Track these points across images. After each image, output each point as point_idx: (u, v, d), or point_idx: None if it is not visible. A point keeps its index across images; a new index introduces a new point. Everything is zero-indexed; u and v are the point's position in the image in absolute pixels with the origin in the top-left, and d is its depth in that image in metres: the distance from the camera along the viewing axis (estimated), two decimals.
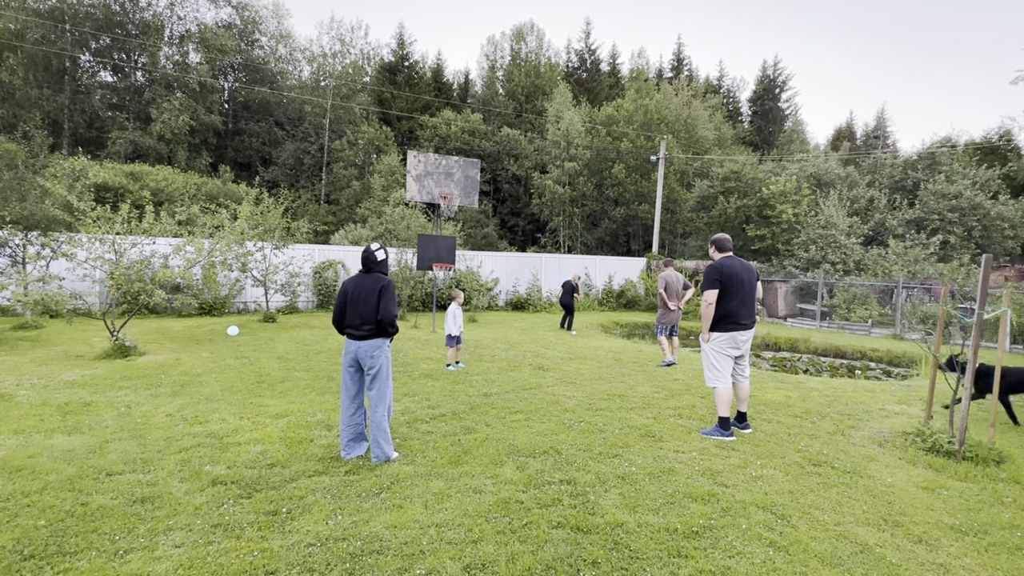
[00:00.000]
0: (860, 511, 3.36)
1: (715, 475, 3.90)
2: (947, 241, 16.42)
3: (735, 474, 3.94)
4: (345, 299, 3.96)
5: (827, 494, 3.61)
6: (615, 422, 5.42)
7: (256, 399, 5.58)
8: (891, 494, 3.64)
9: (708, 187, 23.46)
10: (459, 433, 4.73)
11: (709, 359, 5.26)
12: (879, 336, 13.54)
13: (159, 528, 2.93)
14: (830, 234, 16.93)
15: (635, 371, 7.99)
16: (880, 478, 3.94)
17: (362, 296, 3.88)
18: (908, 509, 3.41)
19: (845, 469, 4.12)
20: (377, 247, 4.05)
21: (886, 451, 4.63)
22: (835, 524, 3.16)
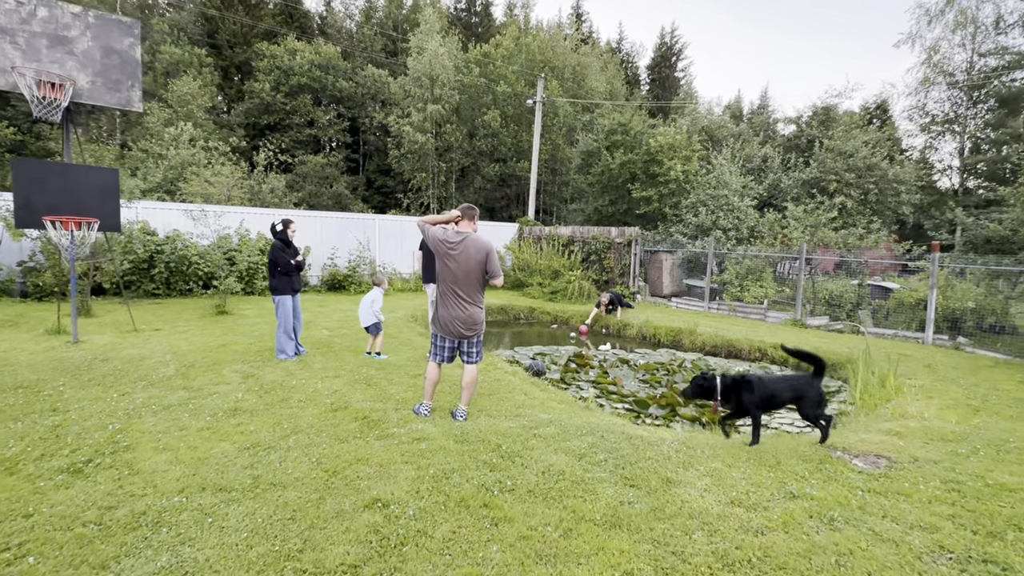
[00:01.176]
0: None
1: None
2: (844, 205, 14.20)
3: None
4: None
5: None
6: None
7: None
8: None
9: (592, 141, 19.83)
10: None
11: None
12: (776, 321, 10.66)
13: None
14: (722, 195, 13.94)
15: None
16: None
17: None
18: None
19: None
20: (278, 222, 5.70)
21: None
22: None
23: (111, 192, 6.33)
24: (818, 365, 3.79)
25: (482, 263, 3.88)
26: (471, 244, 3.86)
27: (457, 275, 3.88)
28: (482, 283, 3.97)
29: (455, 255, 3.86)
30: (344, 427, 3.80)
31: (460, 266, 3.86)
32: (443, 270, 3.91)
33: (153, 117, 17.36)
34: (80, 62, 5.55)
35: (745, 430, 4.83)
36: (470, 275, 3.88)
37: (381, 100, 29.31)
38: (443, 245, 3.89)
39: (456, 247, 3.86)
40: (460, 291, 3.90)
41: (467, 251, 3.85)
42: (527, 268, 15.28)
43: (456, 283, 3.89)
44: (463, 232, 3.91)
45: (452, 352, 4.07)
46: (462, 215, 3.98)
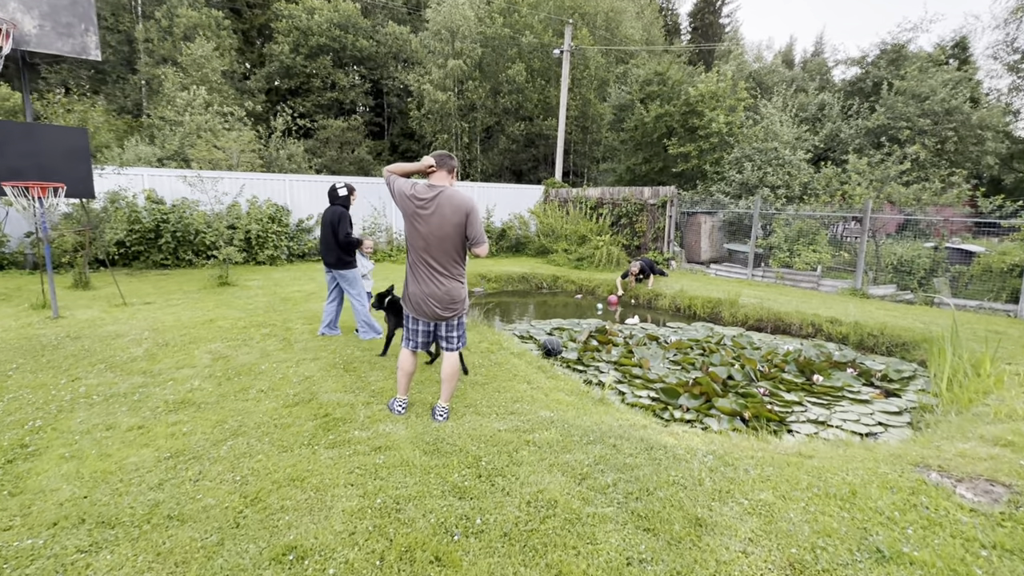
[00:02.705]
0: None
1: None
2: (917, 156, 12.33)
3: None
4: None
5: None
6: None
7: None
8: None
9: (626, 94, 18.18)
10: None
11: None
12: (831, 291, 9.38)
13: None
14: (771, 148, 12.35)
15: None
16: None
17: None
18: None
19: None
20: (340, 184, 4.96)
21: None
22: None
23: (81, 154, 5.77)
24: None
25: (460, 226, 3.04)
26: (446, 202, 3.01)
27: (429, 241, 3.05)
28: (461, 251, 3.14)
29: (425, 215, 3.02)
30: (296, 428, 3.13)
31: (432, 229, 3.02)
32: (412, 234, 3.09)
33: (169, 83, 16.93)
34: (24, 3, 4.89)
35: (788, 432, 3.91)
36: (445, 241, 3.04)
37: (404, 59, 28.06)
38: (410, 202, 3.05)
39: (427, 205, 3.02)
40: (433, 261, 3.08)
41: (441, 210, 3.00)
42: (552, 233, 14.29)
43: (428, 251, 3.07)
44: (437, 186, 3.06)
45: (428, 337, 3.29)
46: (436, 164, 3.11)
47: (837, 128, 13.99)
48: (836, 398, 4.79)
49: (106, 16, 23.71)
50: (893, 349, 6.29)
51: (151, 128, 16.71)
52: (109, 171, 8.45)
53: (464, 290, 3.22)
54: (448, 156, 3.15)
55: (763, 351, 6.16)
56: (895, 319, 6.95)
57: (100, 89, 24.38)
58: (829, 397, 4.80)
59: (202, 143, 12.75)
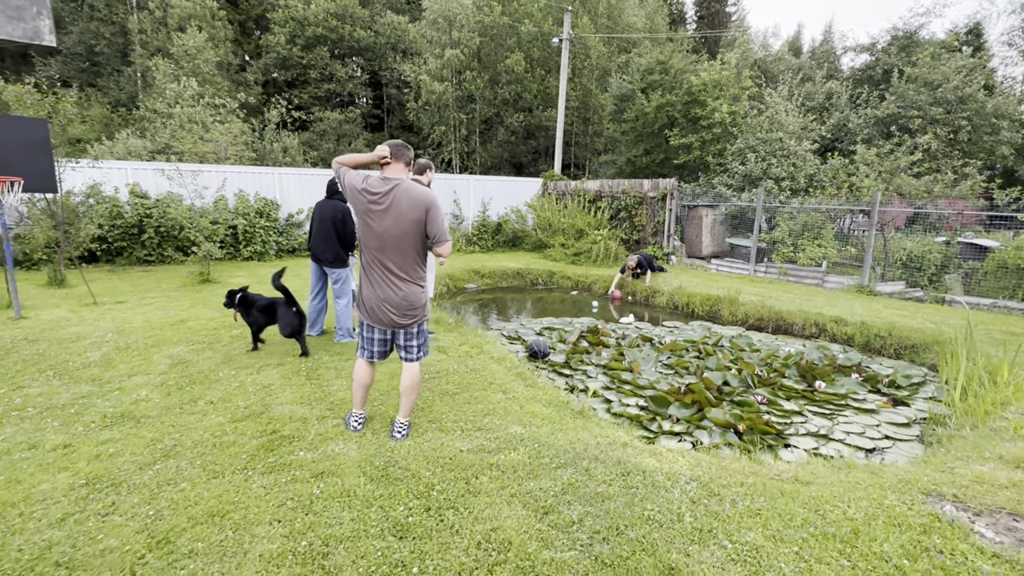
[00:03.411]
0: None
1: None
2: (928, 146, 11.83)
3: None
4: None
5: None
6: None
7: None
8: None
9: (627, 83, 17.71)
10: None
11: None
12: (837, 287, 8.99)
13: None
14: (775, 138, 11.90)
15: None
16: None
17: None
18: None
19: None
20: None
21: None
22: None
23: (40, 147, 5.47)
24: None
25: (419, 223, 2.71)
26: (403, 196, 2.68)
27: (384, 240, 2.72)
28: (421, 252, 2.81)
29: (379, 212, 2.69)
30: (236, 449, 2.83)
31: (388, 227, 2.69)
32: (365, 233, 2.77)
33: (160, 74, 16.61)
34: None
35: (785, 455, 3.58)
36: (402, 240, 2.72)
37: (402, 50, 27.60)
38: (362, 197, 2.72)
39: (380, 200, 2.69)
40: (389, 263, 2.76)
41: (397, 206, 2.67)
42: (549, 227, 13.93)
43: (383, 251, 2.74)
44: (392, 179, 2.73)
45: (386, 346, 2.98)
46: (392, 155, 2.78)
47: (845, 117, 13.48)
48: (839, 407, 4.44)
49: (100, 7, 23.40)
50: (902, 351, 5.92)
51: (142, 121, 16.43)
52: (84, 164, 8.16)
53: (425, 295, 2.90)
54: (405, 146, 2.81)
55: (763, 353, 5.82)
56: (904, 319, 6.57)
57: (95, 82, 24.14)
58: (832, 406, 4.46)
59: (188, 136, 12.43)
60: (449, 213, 14.42)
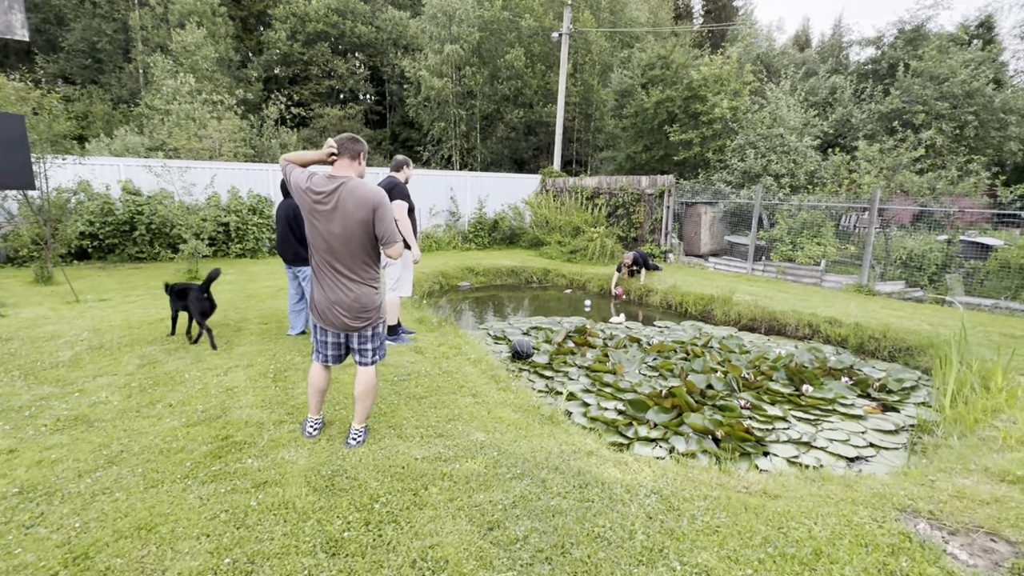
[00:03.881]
0: None
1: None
2: (933, 141, 11.55)
3: None
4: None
5: None
6: None
7: None
8: None
9: (627, 78, 17.48)
10: None
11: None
12: (835, 287, 8.79)
13: None
14: (776, 134, 11.66)
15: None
16: None
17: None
18: None
19: None
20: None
21: None
22: None
23: (17, 143, 5.40)
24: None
25: (367, 223, 2.59)
26: (349, 195, 2.56)
27: (331, 241, 2.61)
28: (371, 252, 2.70)
29: (325, 211, 2.58)
30: (183, 455, 2.74)
31: (334, 227, 2.58)
32: (312, 233, 2.66)
33: (158, 70, 16.60)
34: None
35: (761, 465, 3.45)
36: (350, 240, 2.60)
37: (404, 45, 27.46)
38: (307, 196, 2.61)
39: (326, 199, 2.57)
40: (338, 264, 2.64)
41: (343, 205, 2.56)
42: (546, 225, 13.78)
43: (331, 252, 2.63)
44: (338, 177, 2.61)
45: (339, 349, 2.87)
46: (338, 151, 2.66)
47: (848, 113, 13.20)
48: (825, 412, 4.29)
49: (101, 4, 23.45)
50: (896, 354, 5.74)
51: (140, 118, 16.44)
52: (70, 161, 8.12)
53: (378, 296, 2.78)
54: (353, 140, 2.69)
55: (752, 355, 5.66)
56: (900, 320, 6.38)
57: (98, 79, 24.21)
58: (818, 411, 4.31)
59: (182, 132, 12.39)
60: (445, 210, 14.31)
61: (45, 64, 23.66)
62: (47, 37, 24.75)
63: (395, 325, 5.15)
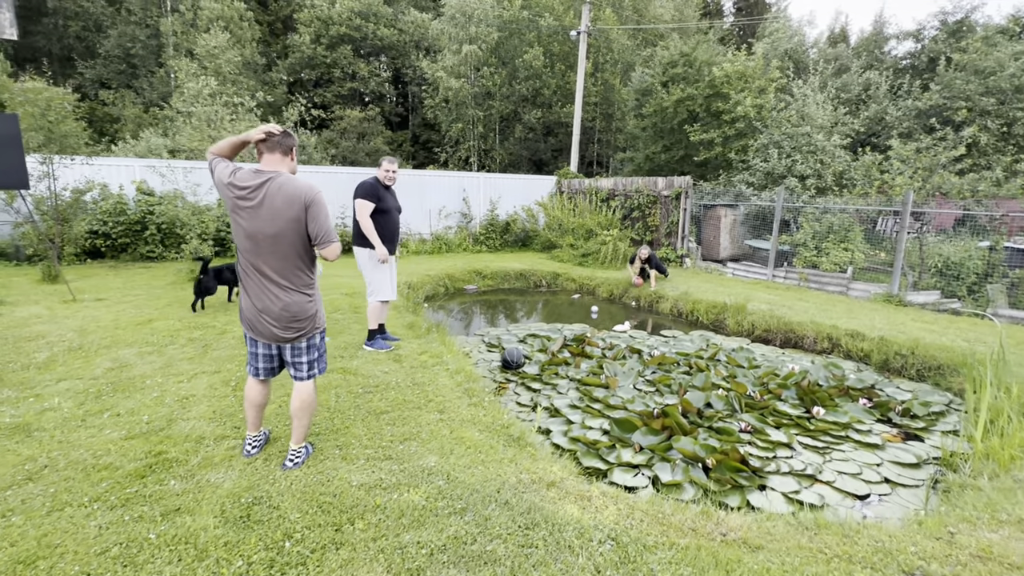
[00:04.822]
0: None
1: None
2: (975, 141, 10.68)
3: None
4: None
5: None
6: None
7: None
8: None
9: (649, 77, 16.96)
10: None
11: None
12: (862, 296, 8.17)
13: None
14: (802, 133, 11.02)
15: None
16: None
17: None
18: None
19: None
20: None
21: None
22: None
23: (11, 142, 5.43)
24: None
25: (297, 222, 2.35)
26: (277, 191, 2.32)
27: (257, 241, 2.36)
28: (304, 255, 2.45)
29: (249, 208, 2.34)
30: (105, 474, 2.54)
31: (260, 226, 2.34)
32: (236, 232, 2.42)
33: (182, 74, 16.99)
34: None
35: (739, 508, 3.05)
36: (279, 241, 2.36)
37: (425, 47, 27.52)
38: (230, 191, 2.38)
39: (250, 195, 2.33)
40: (266, 267, 2.40)
41: (270, 202, 2.32)
42: (559, 227, 13.43)
43: (257, 254, 2.39)
44: (266, 172, 2.37)
45: (272, 361, 2.63)
46: (267, 143, 2.42)
47: (883, 110, 12.38)
48: (837, 439, 3.84)
49: (136, 11, 24.29)
50: (926, 373, 5.19)
51: (165, 120, 16.85)
52: (79, 161, 8.24)
53: (312, 305, 2.53)
54: (286, 134, 2.45)
55: (762, 370, 5.20)
56: (933, 334, 5.80)
57: (132, 83, 25.06)
58: (829, 437, 3.85)
59: (196, 133, 12.56)
60: (457, 211, 14.12)
61: (84, 69, 24.63)
62: (86, 44, 25.80)
63: (375, 330, 4.92)
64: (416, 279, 9.36)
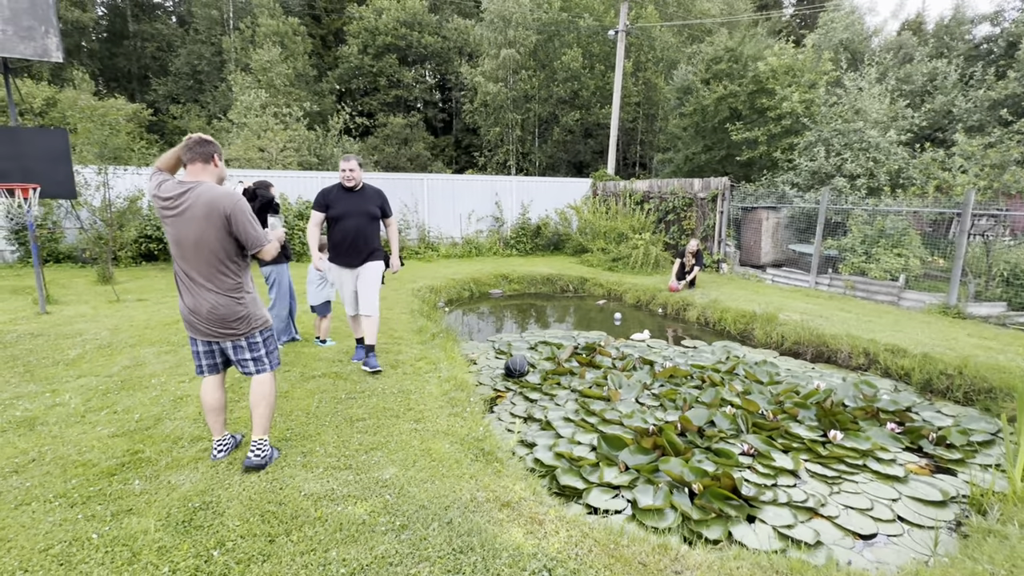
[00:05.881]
0: None
1: None
2: None
3: None
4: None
5: None
6: None
7: None
8: None
9: (691, 74, 16.34)
10: None
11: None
12: (915, 307, 7.43)
13: None
14: (854, 129, 10.21)
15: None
16: None
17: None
18: None
19: None
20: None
21: None
22: None
23: (62, 156, 5.93)
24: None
25: (220, 229, 2.45)
26: (197, 200, 2.41)
27: (183, 247, 2.47)
28: (227, 259, 2.52)
29: (173, 217, 2.46)
30: (82, 470, 2.67)
31: (185, 233, 2.44)
32: (168, 239, 2.54)
33: (237, 87, 18.10)
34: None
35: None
36: (202, 248, 2.45)
37: (468, 53, 27.92)
38: (156, 202, 2.52)
39: (173, 205, 2.43)
40: (193, 271, 2.50)
41: (192, 211, 2.41)
42: (590, 231, 13.16)
43: (184, 259, 2.50)
44: (188, 182, 2.45)
45: (216, 359, 2.70)
46: (189, 157, 2.49)
47: (950, 102, 11.23)
48: (853, 468, 3.46)
49: (202, 29, 26.15)
50: (974, 396, 4.61)
51: (222, 132, 18.00)
52: (131, 171, 8.91)
53: (243, 307, 2.57)
54: (201, 142, 2.51)
55: (782, 387, 4.81)
56: (989, 352, 5.16)
57: (198, 98, 27.01)
58: (843, 465, 3.49)
59: (243, 143, 13.30)
60: (489, 215, 14.16)
61: (158, 86, 26.80)
62: (160, 63, 28.06)
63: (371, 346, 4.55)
64: (440, 283, 9.43)
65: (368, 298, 4.21)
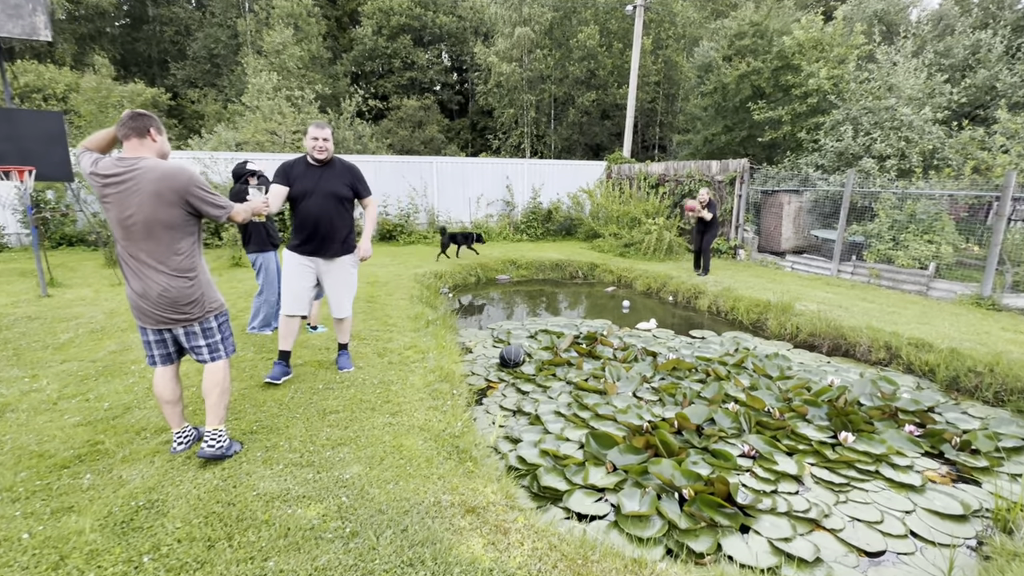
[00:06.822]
0: None
1: None
2: None
3: None
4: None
5: None
6: None
7: None
8: None
9: (712, 51, 15.60)
10: None
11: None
12: (946, 298, 6.95)
13: None
14: (885, 107, 9.55)
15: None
16: None
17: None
18: None
19: None
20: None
21: None
22: None
23: (57, 139, 5.88)
24: None
25: (173, 205, 2.29)
26: (144, 177, 2.24)
27: (128, 228, 2.30)
28: (179, 237, 2.37)
29: (116, 195, 2.28)
30: (37, 461, 2.58)
31: (130, 212, 2.28)
32: (109, 220, 2.37)
33: (250, 70, 18.02)
34: None
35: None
36: (152, 226, 2.29)
37: (484, 33, 27.30)
38: (94, 181, 2.33)
39: (114, 183, 2.25)
40: (140, 252, 2.34)
41: (138, 188, 2.24)
42: (602, 216, 12.78)
43: (130, 239, 2.33)
44: (129, 159, 2.27)
45: (168, 347, 2.56)
46: (123, 129, 2.30)
47: (993, 76, 10.42)
48: (864, 474, 3.17)
49: (217, 12, 26.11)
50: (1006, 396, 4.23)
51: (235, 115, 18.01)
52: None
53: (195, 289, 2.42)
54: (136, 116, 2.32)
55: (792, 383, 4.51)
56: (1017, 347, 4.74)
57: (215, 82, 27.11)
58: (853, 471, 3.20)
59: (250, 126, 13.22)
60: (500, 199, 13.87)
61: (176, 71, 26.97)
62: (178, 47, 28.21)
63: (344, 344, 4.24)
64: (445, 268, 9.25)
65: (341, 301, 3.76)
